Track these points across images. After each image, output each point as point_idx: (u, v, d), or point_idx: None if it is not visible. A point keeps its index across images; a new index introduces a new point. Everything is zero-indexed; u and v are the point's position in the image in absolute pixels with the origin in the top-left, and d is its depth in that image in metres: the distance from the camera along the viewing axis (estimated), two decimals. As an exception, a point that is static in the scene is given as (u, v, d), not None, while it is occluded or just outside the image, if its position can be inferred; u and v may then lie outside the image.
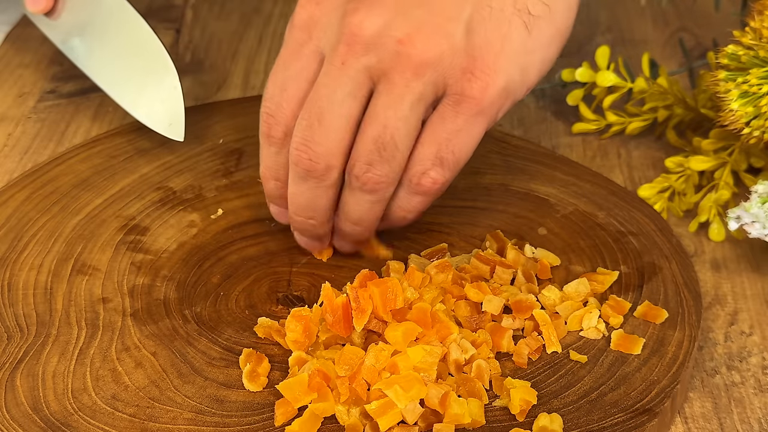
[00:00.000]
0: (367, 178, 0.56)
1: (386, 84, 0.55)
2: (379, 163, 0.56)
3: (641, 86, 0.73)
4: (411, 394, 0.51)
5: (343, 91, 0.55)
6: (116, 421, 0.52)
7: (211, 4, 0.95)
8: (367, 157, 0.55)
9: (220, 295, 0.60)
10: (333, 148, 0.55)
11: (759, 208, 0.59)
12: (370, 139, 0.55)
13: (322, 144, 0.55)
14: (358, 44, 0.54)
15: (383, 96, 0.55)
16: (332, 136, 0.55)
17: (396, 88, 0.54)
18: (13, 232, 0.64)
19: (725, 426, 0.55)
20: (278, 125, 0.57)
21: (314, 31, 0.56)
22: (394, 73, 0.54)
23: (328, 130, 0.55)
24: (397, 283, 0.55)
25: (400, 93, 0.54)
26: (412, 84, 0.54)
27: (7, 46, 0.87)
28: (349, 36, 0.54)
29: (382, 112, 0.55)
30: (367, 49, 0.54)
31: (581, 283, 0.59)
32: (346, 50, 0.54)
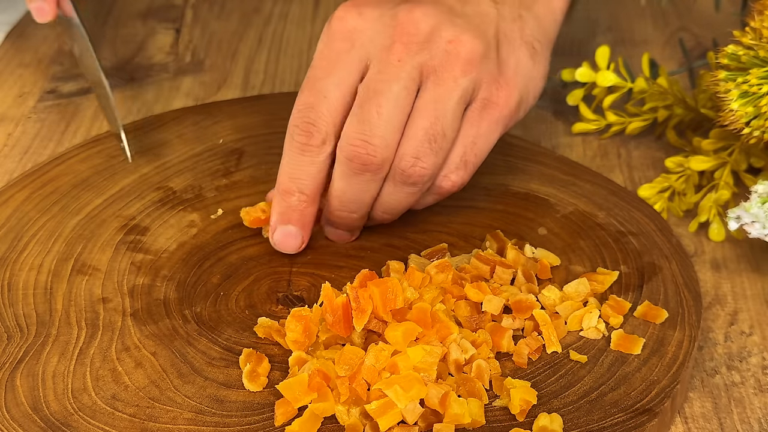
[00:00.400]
0: (413, 171, 0.59)
1: (435, 80, 0.59)
2: (427, 156, 0.59)
3: (641, 86, 0.73)
4: (411, 394, 0.51)
5: (399, 86, 0.58)
6: (116, 421, 0.52)
7: (211, 4, 0.95)
8: (416, 150, 0.58)
9: (220, 295, 0.60)
10: (390, 141, 0.58)
11: (759, 208, 0.59)
12: (421, 131, 0.58)
13: (381, 137, 0.58)
14: (413, 43, 0.59)
15: (432, 91, 0.59)
16: (390, 129, 0.58)
17: (445, 83, 0.59)
18: (13, 232, 0.64)
19: (725, 426, 0.55)
20: (319, 133, 0.59)
21: (358, 40, 0.59)
22: (443, 70, 0.59)
23: (387, 124, 0.58)
24: (397, 283, 0.55)
25: (448, 88, 0.59)
26: (459, 80, 0.59)
27: (7, 46, 0.87)
28: (405, 36, 0.59)
29: (432, 106, 0.58)
30: (421, 47, 0.59)
31: (581, 283, 0.59)
32: (402, 48, 0.58)
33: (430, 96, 0.59)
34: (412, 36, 0.59)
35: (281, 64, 0.86)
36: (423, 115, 0.59)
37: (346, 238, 0.64)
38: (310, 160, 0.59)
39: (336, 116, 0.59)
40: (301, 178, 0.60)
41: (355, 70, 0.59)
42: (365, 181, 0.59)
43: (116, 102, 0.80)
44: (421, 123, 0.58)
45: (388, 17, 0.59)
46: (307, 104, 0.59)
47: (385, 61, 0.59)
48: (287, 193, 0.60)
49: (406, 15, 0.59)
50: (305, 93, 0.59)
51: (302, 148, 0.59)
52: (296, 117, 0.59)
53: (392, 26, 0.59)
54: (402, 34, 0.59)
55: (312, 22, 0.92)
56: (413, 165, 0.59)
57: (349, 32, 0.59)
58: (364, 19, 0.60)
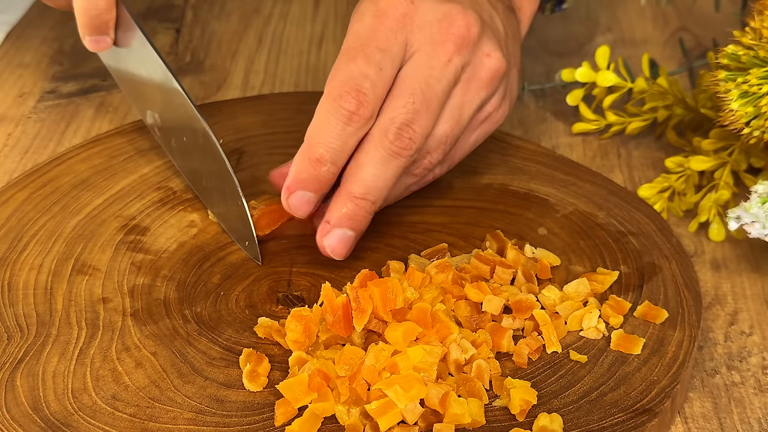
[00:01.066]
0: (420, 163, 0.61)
1: (465, 87, 0.61)
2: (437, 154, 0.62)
3: (641, 86, 0.73)
4: (411, 394, 0.51)
5: (447, 84, 0.60)
6: (116, 421, 0.52)
7: (211, 4, 0.95)
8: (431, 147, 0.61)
9: (220, 295, 0.60)
10: (427, 133, 0.60)
11: (759, 208, 0.59)
12: (442, 133, 0.61)
13: (424, 127, 0.59)
14: (465, 47, 0.60)
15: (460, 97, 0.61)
16: (431, 122, 0.60)
17: (471, 92, 0.61)
18: (13, 232, 0.64)
19: (725, 426, 0.55)
20: (370, 104, 0.58)
21: (408, 25, 0.60)
22: (474, 79, 0.61)
23: (431, 117, 0.60)
24: (397, 283, 0.55)
25: (472, 98, 0.62)
26: (481, 93, 0.62)
27: (7, 46, 0.87)
28: (460, 38, 0.60)
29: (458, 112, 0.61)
30: (468, 52, 0.61)
31: (581, 283, 0.59)
32: (454, 49, 0.60)
33: (458, 101, 0.61)
34: (465, 39, 0.60)
35: (281, 64, 0.86)
36: (448, 119, 0.61)
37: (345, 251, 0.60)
38: (353, 131, 0.58)
39: (384, 92, 0.59)
40: (340, 149, 0.58)
41: (404, 52, 0.60)
42: (397, 166, 0.59)
43: (116, 102, 0.80)
44: (445, 126, 0.61)
45: (441, 12, 0.60)
46: (362, 72, 0.58)
47: (435, 56, 0.60)
48: (319, 162, 0.58)
49: (462, 17, 0.60)
50: (360, 61, 0.58)
51: (350, 117, 0.57)
52: (347, 83, 0.57)
53: (447, 23, 0.60)
54: (457, 35, 0.60)
55: (312, 22, 0.92)
56: (424, 158, 0.62)
57: (401, 15, 0.59)
58: (415, 7, 0.60)
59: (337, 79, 0.58)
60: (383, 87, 0.58)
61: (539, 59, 0.87)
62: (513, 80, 0.65)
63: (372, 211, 0.60)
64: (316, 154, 0.58)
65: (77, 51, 0.86)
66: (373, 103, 0.58)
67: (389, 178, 0.59)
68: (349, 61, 0.58)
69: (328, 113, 0.57)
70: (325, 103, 0.58)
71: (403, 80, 0.59)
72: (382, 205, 0.62)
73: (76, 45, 0.86)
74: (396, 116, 0.58)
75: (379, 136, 0.58)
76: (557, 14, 0.86)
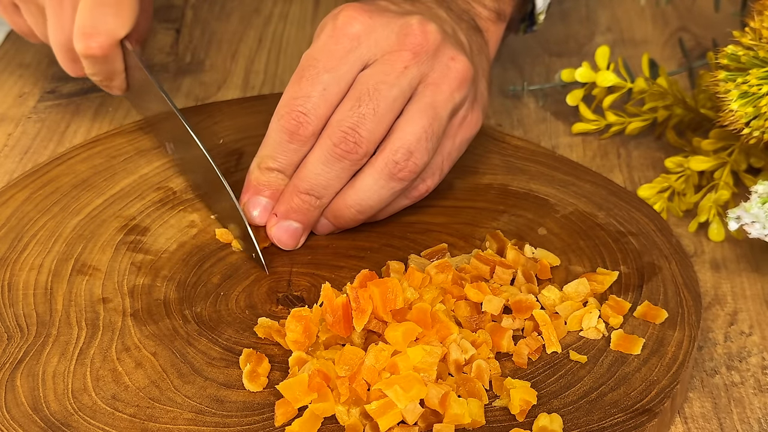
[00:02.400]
0: (406, 164, 0.61)
1: (434, 90, 0.61)
2: (422, 153, 0.61)
3: (641, 86, 0.73)
4: (411, 395, 0.51)
5: (398, 90, 0.61)
6: (116, 422, 0.52)
7: (211, 4, 0.95)
8: (413, 145, 0.61)
9: (220, 295, 0.60)
10: (377, 137, 0.61)
11: (759, 208, 0.59)
12: (420, 128, 0.61)
13: (371, 131, 0.60)
14: (423, 53, 0.61)
15: (431, 97, 0.61)
16: (380, 127, 0.60)
17: (443, 94, 0.62)
18: (13, 232, 0.64)
19: (725, 426, 0.55)
20: (310, 124, 0.61)
21: (365, 42, 0.61)
22: (443, 83, 0.62)
23: (380, 122, 0.60)
24: (397, 283, 0.55)
25: (445, 99, 0.62)
26: (454, 95, 0.62)
27: (7, 46, 0.87)
28: (417, 46, 0.61)
29: (432, 109, 0.61)
30: (427, 58, 0.61)
31: (581, 283, 0.59)
32: (410, 57, 0.61)
33: (429, 101, 0.61)
34: (422, 47, 0.61)
35: (281, 64, 0.86)
36: (423, 116, 0.61)
37: (292, 242, 0.63)
38: (296, 147, 0.61)
39: (328, 110, 0.61)
40: (285, 162, 0.62)
41: (357, 68, 0.61)
42: (342, 168, 0.61)
43: (116, 102, 0.80)
44: (421, 122, 0.61)
45: (398, 25, 0.62)
46: (304, 94, 0.61)
47: (390, 64, 0.61)
48: (268, 170, 0.62)
49: (419, 26, 0.62)
50: (304, 82, 0.61)
51: (291, 136, 0.61)
52: (290, 104, 0.61)
53: (404, 34, 0.61)
54: (413, 43, 0.61)
55: (312, 23, 0.92)
56: (407, 159, 0.61)
57: (357, 32, 0.61)
58: (373, 22, 0.62)
59: (283, 99, 0.61)
60: (326, 106, 0.61)
61: (539, 59, 0.87)
62: (482, 89, 0.66)
63: (318, 206, 0.62)
64: (264, 164, 0.63)
65: (77, 51, 0.86)
66: (314, 123, 0.61)
67: (333, 177, 0.61)
68: (294, 83, 0.61)
69: (274, 130, 0.62)
70: (273, 120, 0.62)
71: (354, 86, 0.61)
72: (373, 216, 0.64)
73: (76, 45, 0.86)
74: (342, 119, 0.60)
75: (325, 138, 0.61)
76: (556, 15, 0.86)
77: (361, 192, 0.61)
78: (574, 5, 0.95)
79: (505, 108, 0.81)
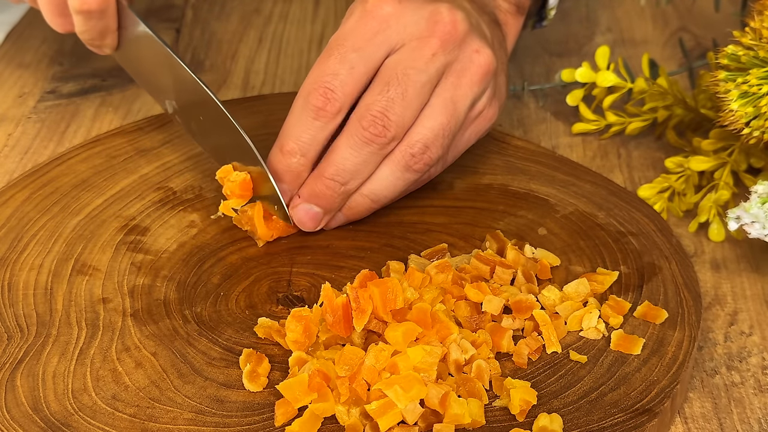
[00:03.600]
0: (422, 158, 0.62)
1: (456, 81, 0.62)
2: (437, 148, 0.62)
3: (641, 86, 0.73)
4: (411, 395, 0.51)
5: (427, 77, 0.61)
6: (116, 422, 0.52)
7: (211, 4, 0.95)
8: (429, 140, 0.61)
9: (220, 296, 0.60)
10: (406, 122, 0.61)
11: (759, 208, 0.59)
12: (438, 124, 0.62)
13: (399, 116, 0.60)
14: (450, 42, 0.62)
15: (451, 91, 0.62)
16: (408, 113, 0.61)
17: (463, 87, 0.62)
18: (13, 232, 0.64)
19: (725, 426, 0.55)
20: (337, 101, 0.60)
21: (393, 26, 0.61)
22: (464, 75, 0.62)
23: (409, 107, 0.61)
24: (397, 283, 0.55)
25: (465, 93, 0.62)
26: (474, 88, 0.63)
27: (7, 46, 0.87)
28: (446, 34, 0.62)
29: (452, 105, 0.62)
30: (454, 47, 0.62)
31: (581, 284, 0.59)
32: (438, 44, 0.61)
33: (450, 95, 0.62)
34: (450, 35, 0.62)
35: (281, 64, 0.86)
36: (443, 111, 0.62)
37: (312, 224, 0.63)
38: (321, 125, 0.61)
39: (355, 90, 0.61)
40: (308, 142, 0.61)
41: (384, 51, 0.61)
42: (370, 152, 0.61)
43: (116, 102, 0.80)
44: (440, 118, 0.62)
45: (428, 11, 0.62)
46: (332, 71, 0.60)
47: (418, 50, 0.61)
48: (289, 154, 0.62)
49: (449, 14, 0.62)
50: (333, 60, 0.61)
51: (317, 113, 0.61)
52: (317, 81, 0.61)
53: (433, 21, 0.62)
54: (443, 31, 0.61)
55: (312, 22, 0.92)
56: (423, 152, 0.61)
57: (387, 15, 0.61)
58: (402, 7, 0.62)
59: (310, 77, 0.61)
60: (354, 84, 0.61)
61: (539, 59, 0.87)
62: (501, 83, 0.66)
63: (341, 193, 0.62)
64: (287, 146, 0.62)
65: (77, 51, 0.86)
66: (341, 100, 0.60)
67: (360, 163, 0.61)
68: (321, 62, 0.61)
69: (299, 108, 0.61)
70: (298, 99, 0.61)
71: (382, 71, 0.61)
72: (384, 203, 0.64)
73: (76, 45, 0.86)
74: (371, 104, 0.60)
75: (354, 122, 0.61)
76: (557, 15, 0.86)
77: (376, 182, 0.62)
78: (574, 5, 0.95)
79: (505, 108, 0.81)
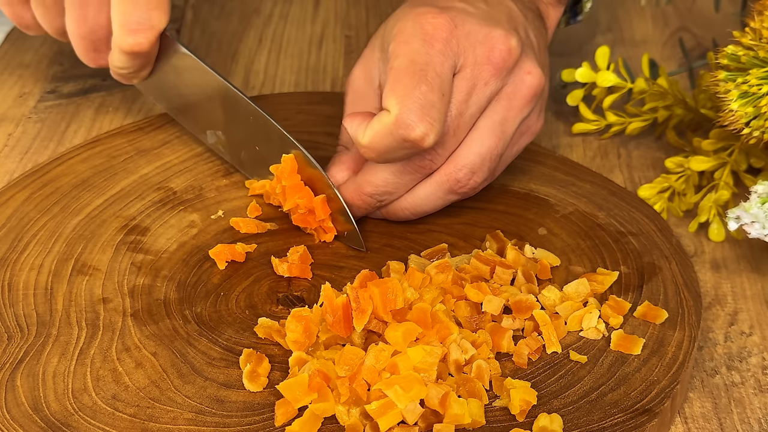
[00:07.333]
0: (467, 183, 0.62)
1: (507, 105, 0.62)
2: (483, 173, 0.62)
3: (641, 86, 0.73)
4: (411, 395, 0.51)
5: (477, 107, 0.61)
6: (116, 422, 0.52)
7: (211, 4, 0.95)
8: (476, 165, 0.61)
9: (221, 296, 0.60)
10: (450, 151, 0.61)
11: (759, 208, 0.59)
12: (486, 149, 0.61)
13: (447, 149, 0.61)
14: (504, 69, 0.61)
15: (501, 114, 0.62)
16: (456, 144, 0.61)
17: (513, 110, 0.62)
18: (13, 232, 0.64)
19: (725, 426, 0.55)
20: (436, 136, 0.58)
21: (453, 48, 0.60)
22: (515, 97, 0.62)
23: (458, 139, 0.61)
24: (397, 283, 0.55)
25: (515, 115, 0.62)
26: (523, 110, 0.63)
27: (7, 46, 0.87)
28: (500, 61, 0.61)
29: (500, 128, 0.62)
30: (506, 74, 0.62)
31: (581, 284, 0.59)
32: (492, 72, 0.61)
33: (500, 118, 0.62)
34: (505, 62, 0.61)
35: (281, 64, 0.86)
36: (491, 135, 0.61)
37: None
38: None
39: None
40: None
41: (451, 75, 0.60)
42: (413, 179, 0.62)
43: (116, 102, 0.80)
44: (488, 142, 0.61)
45: (483, 35, 0.61)
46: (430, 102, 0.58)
47: (470, 79, 0.60)
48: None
49: (504, 41, 0.61)
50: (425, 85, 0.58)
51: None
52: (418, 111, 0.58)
53: (489, 47, 0.61)
54: (497, 59, 0.61)
55: (312, 22, 0.92)
56: (470, 178, 0.62)
57: (447, 38, 0.60)
58: (459, 30, 0.60)
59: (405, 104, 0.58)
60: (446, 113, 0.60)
61: (539, 59, 0.87)
62: (545, 92, 0.66)
63: (377, 207, 0.63)
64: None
65: (77, 51, 0.86)
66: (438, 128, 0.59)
67: (401, 187, 0.62)
68: (418, 83, 0.58)
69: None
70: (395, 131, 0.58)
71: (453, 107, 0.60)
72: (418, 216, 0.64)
73: (76, 45, 0.86)
74: None
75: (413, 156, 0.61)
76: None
77: (418, 198, 0.63)
78: (574, 5, 0.95)
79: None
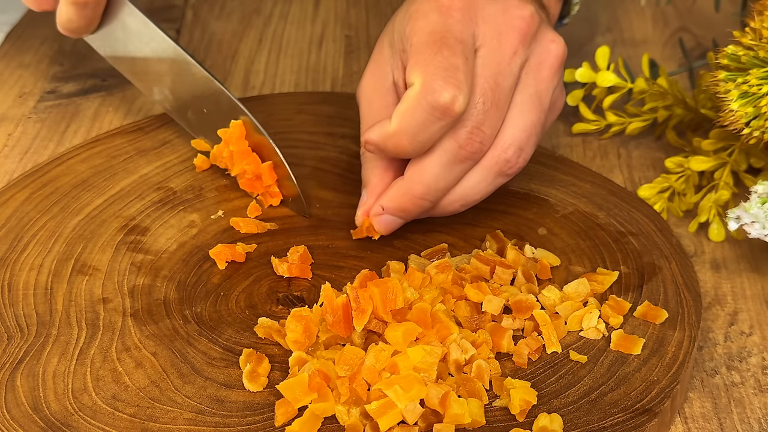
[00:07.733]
0: (517, 161, 0.60)
1: (536, 76, 0.60)
2: (530, 147, 0.60)
3: (641, 86, 0.73)
4: (411, 395, 0.51)
5: (512, 79, 0.59)
6: (116, 422, 0.52)
7: (211, 4, 0.95)
8: (523, 141, 0.59)
9: (220, 295, 0.60)
10: (496, 131, 0.59)
11: (759, 209, 0.59)
12: (530, 124, 0.60)
13: (492, 127, 0.58)
14: (528, 36, 0.60)
15: (534, 86, 0.60)
16: (500, 121, 0.59)
17: (545, 80, 0.60)
18: (13, 232, 0.64)
19: (725, 426, 0.55)
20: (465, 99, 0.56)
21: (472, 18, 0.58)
22: (544, 67, 0.60)
23: (500, 116, 0.59)
24: (397, 283, 0.55)
25: (548, 85, 0.61)
26: (553, 78, 0.61)
27: (7, 46, 0.87)
28: (523, 29, 0.59)
29: (537, 100, 0.60)
30: (531, 41, 0.60)
31: (581, 284, 0.59)
32: (518, 40, 0.59)
33: (534, 90, 0.60)
34: (528, 29, 0.60)
35: (281, 64, 0.86)
36: (531, 109, 0.60)
37: (388, 232, 0.62)
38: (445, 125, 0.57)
39: None
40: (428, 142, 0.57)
41: (473, 44, 0.59)
42: (464, 169, 0.59)
43: (116, 102, 0.80)
44: (530, 116, 0.60)
45: (501, 5, 0.60)
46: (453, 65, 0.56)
47: (500, 50, 0.59)
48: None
49: (523, 8, 0.60)
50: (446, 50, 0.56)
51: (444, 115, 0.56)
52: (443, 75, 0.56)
53: (509, 16, 0.59)
54: (521, 26, 0.59)
55: (312, 22, 0.92)
56: (519, 156, 0.60)
57: (464, 8, 0.58)
58: (475, 2, 0.59)
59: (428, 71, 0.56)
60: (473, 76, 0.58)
61: (539, 59, 0.87)
62: None
63: (428, 209, 0.61)
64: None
65: (77, 51, 0.86)
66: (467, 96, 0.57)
67: (452, 180, 0.59)
68: (439, 50, 0.57)
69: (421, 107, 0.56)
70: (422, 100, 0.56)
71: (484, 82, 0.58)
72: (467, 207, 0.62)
73: (76, 45, 0.86)
74: (466, 118, 0.58)
75: (450, 140, 0.58)
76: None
77: (467, 188, 0.60)
78: (574, 5, 0.95)
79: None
